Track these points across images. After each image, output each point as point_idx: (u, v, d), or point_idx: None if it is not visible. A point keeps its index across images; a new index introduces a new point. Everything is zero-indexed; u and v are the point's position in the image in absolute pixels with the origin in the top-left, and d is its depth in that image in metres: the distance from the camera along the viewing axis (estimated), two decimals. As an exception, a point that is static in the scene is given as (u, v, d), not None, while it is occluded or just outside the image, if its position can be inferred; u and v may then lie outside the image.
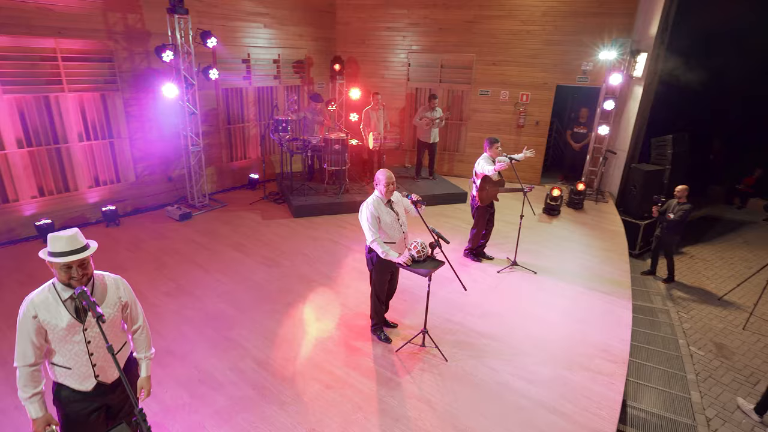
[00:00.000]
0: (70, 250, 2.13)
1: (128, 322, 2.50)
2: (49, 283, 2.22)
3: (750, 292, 7.40)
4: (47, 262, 2.16)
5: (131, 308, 2.47)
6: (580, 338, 4.64)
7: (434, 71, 9.54)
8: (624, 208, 8.95)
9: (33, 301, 2.15)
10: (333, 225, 7.23)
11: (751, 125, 12.92)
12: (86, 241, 2.21)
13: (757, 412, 4.92)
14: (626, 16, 8.40)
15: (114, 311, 2.33)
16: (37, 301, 2.15)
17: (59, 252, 2.11)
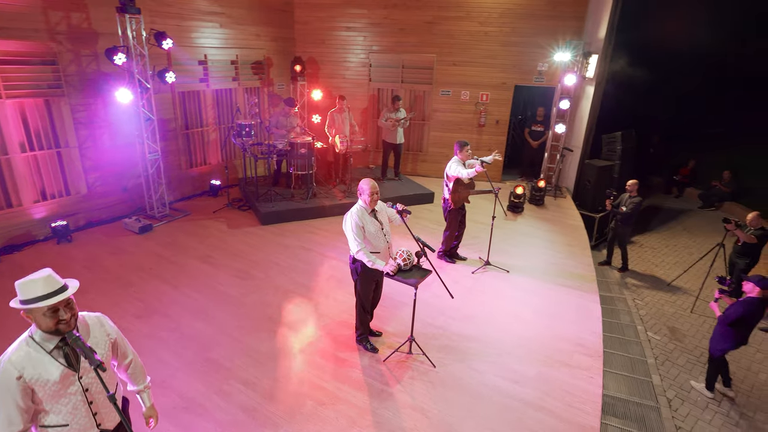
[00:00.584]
0: (51, 292, 1.95)
1: (119, 358, 2.34)
2: (23, 337, 1.98)
3: (694, 277, 8.01)
4: (23, 312, 1.93)
5: (120, 344, 2.32)
6: (555, 334, 4.86)
7: (396, 72, 9.56)
8: (580, 202, 9.42)
9: (11, 360, 1.90)
10: (303, 231, 7.10)
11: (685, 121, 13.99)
12: (63, 280, 2.03)
13: (708, 389, 5.38)
14: (577, 20, 8.79)
15: (105, 352, 2.18)
16: (17, 360, 1.90)
17: (39, 296, 1.91)
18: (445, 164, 9.93)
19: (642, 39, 9.75)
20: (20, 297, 1.93)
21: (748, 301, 4.72)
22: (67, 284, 2.03)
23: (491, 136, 9.77)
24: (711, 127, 14.66)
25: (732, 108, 14.16)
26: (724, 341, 4.91)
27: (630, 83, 9.95)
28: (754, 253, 7.05)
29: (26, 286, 1.92)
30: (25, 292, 1.92)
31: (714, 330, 5.13)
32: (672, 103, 13.18)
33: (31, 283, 1.92)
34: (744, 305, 4.70)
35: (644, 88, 10.20)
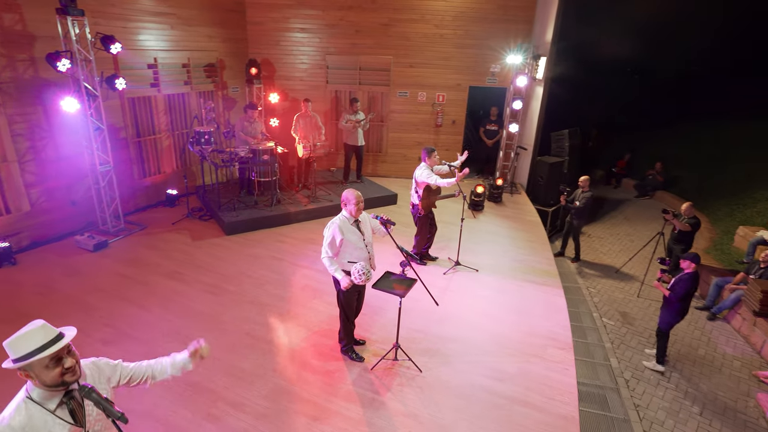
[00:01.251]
0: (50, 340, 1.82)
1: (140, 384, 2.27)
2: (20, 399, 1.82)
3: (638, 263, 8.70)
4: (21, 372, 1.78)
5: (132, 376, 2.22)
6: (528, 330, 5.14)
7: (353, 73, 9.55)
8: (533, 197, 9.92)
9: (11, 427, 1.74)
10: (271, 240, 6.97)
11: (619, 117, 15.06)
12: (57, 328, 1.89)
13: (659, 363, 5.94)
14: (526, 23, 9.19)
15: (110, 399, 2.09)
16: (18, 425, 1.75)
17: (39, 347, 1.76)
18: (403, 164, 10.21)
19: (581, 43, 10.42)
20: (15, 355, 1.76)
21: (688, 276, 5.29)
22: (63, 332, 1.91)
23: (448, 135, 10.03)
24: (639, 123, 15.88)
25: (656, 105, 15.39)
26: (674, 316, 5.46)
27: (572, 83, 10.59)
28: (688, 240, 7.78)
29: (20, 341, 1.77)
30: (20, 348, 1.76)
31: (662, 308, 5.66)
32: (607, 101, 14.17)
33: (26, 336, 1.77)
34: (688, 280, 5.27)
35: (584, 87, 10.93)
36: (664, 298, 5.54)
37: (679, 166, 13.47)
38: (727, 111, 14.51)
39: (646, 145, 14.92)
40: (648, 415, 5.22)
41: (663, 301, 5.62)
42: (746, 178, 11.67)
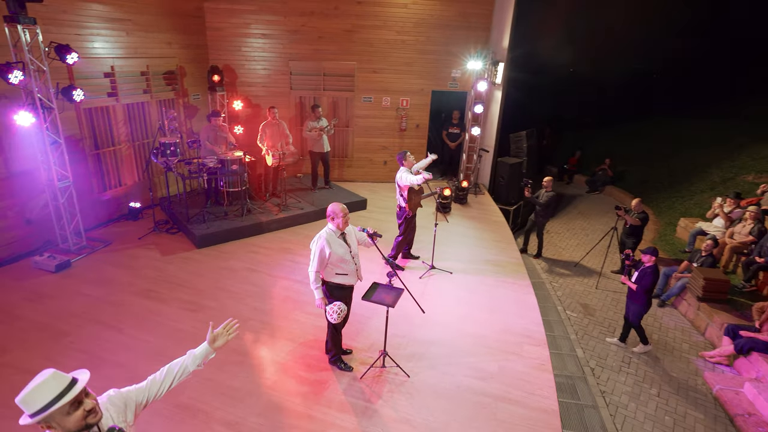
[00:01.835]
0: (66, 386, 1.79)
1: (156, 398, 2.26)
2: None
3: (594, 257, 9.28)
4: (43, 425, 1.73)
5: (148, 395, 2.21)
6: (504, 329, 5.42)
7: (317, 79, 9.54)
8: (496, 197, 10.34)
9: None
10: (245, 251, 6.90)
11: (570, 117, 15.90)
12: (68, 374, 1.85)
13: (621, 341, 6.45)
14: (484, 30, 9.55)
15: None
16: None
17: (57, 396, 1.72)
18: (370, 169, 10.34)
19: (534, 48, 10.98)
20: (31, 410, 1.72)
21: (651, 269, 5.80)
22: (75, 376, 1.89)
23: (413, 139, 10.24)
24: (588, 121, 16.85)
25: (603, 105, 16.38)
26: (643, 307, 5.98)
27: (527, 87, 11.11)
28: (639, 233, 8.40)
29: (34, 394, 1.72)
30: (36, 401, 1.72)
31: (630, 301, 6.14)
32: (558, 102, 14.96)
33: (39, 388, 1.73)
34: (652, 273, 5.80)
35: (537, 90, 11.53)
36: (631, 292, 6.02)
37: (625, 161, 14.42)
38: (666, 109, 15.69)
39: (595, 143, 15.86)
40: (613, 400, 5.64)
41: (629, 294, 6.10)
42: (683, 172, 12.69)
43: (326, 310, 4.19)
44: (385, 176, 10.44)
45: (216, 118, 7.69)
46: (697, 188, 11.61)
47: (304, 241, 7.31)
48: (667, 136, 14.74)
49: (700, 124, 14.48)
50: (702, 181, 11.85)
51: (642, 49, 14.08)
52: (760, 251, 7.34)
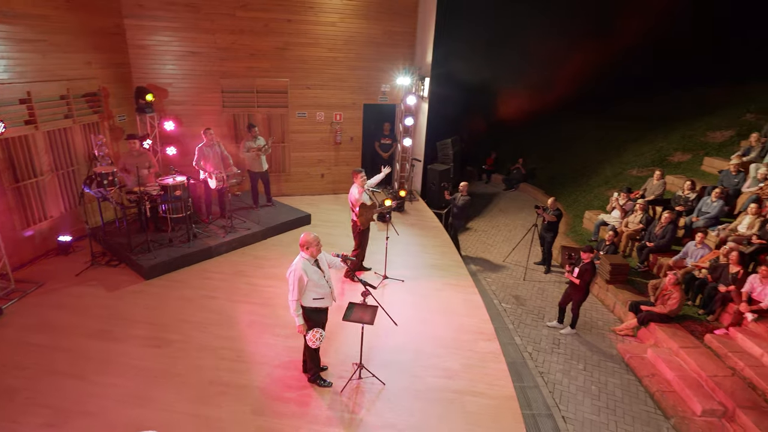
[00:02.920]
0: None
1: None
2: None
3: (519, 251, 10.36)
4: None
5: None
6: (458, 328, 6.03)
7: (250, 96, 9.50)
8: (428, 202, 11.07)
9: None
10: (198, 278, 6.80)
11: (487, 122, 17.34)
12: None
13: (559, 322, 7.43)
14: (409, 47, 10.18)
15: None
16: None
17: None
18: (307, 182, 10.55)
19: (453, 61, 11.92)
20: None
21: (589, 264, 6.86)
22: None
23: (348, 152, 10.61)
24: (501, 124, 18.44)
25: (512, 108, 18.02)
26: (583, 296, 7.07)
27: (448, 97, 12.04)
28: (555, 228, 9.57)
29: None
30: None
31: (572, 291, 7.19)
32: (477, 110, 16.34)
33: None
34: (591, 268, 6.84)
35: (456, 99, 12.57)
36: (573, 285, 7.00)
37: (535, 160, 16.05)
38: (566, 111, 17.69)
39: (509, 144, 17.41)
40: (550, 378, 6.53)
41: (572, 287, 7.08)
42: (582, 169, 14.49)
43: (307, 336, 4.46)
44: (323, 189, 10.70)
45: (132, 141, 7.34)
46: (595, 183, 13.36)
47: (256, 263, 7.38)
48: (567, 136, 16.65)
49: (593, 125, 16.54)
50: (598, 176, 13.65)
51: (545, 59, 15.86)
52: (649, 237, 8.81)
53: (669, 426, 5.59)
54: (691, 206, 8.98)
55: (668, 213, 8.61)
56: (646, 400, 6.05)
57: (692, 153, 11.93)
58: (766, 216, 7.65)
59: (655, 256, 8.59)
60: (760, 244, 7.34)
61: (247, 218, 8.36)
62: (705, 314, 7.09)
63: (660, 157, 12.56)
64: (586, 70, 16.34)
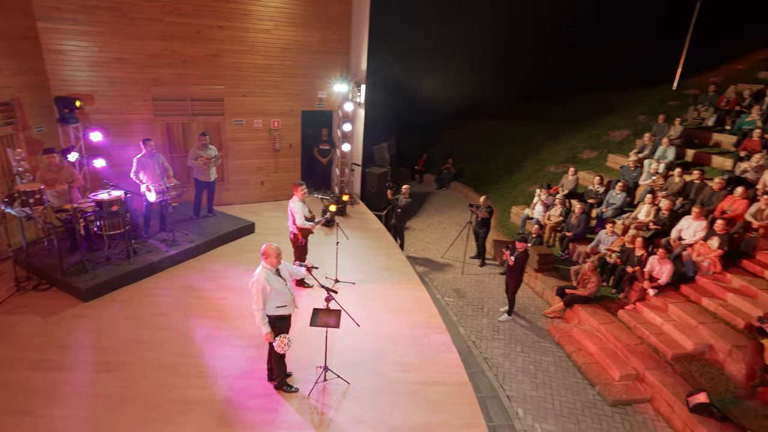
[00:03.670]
0: None
1: None
2: None
3: (456, 247, 11.04)
4: None
5: None
6: (411, 324, 6.43)
7: (184, 104, 9.20)
8: (368, 204, 11.42)
9: None
10: (143, 296, 6.55)
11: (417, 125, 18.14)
12: None
13: (509, 315, 8.11)
14: (344, 55, 10.43)
15: None
16: None
17: None
18: (246, 191, 10.45)
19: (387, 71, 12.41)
20: None
21: (524, 252, 7.65)
22: None
23: (287, 158, 10.64)
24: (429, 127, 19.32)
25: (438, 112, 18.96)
26: (518, 280, 7.81)
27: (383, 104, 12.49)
28: (487, 224, 10.36)
29: None
30: None
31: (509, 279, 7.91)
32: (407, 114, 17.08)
33: None
34: (524, 255, 7.65)
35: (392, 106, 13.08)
36: (510, 269, 7.68)
37: (463, 160, 17.01)
38: (488, 113, 18.94)
39: (438, 145, 18.28)
40: (493, 363, 7.15)
41: (509, 271, 7.77)
42: (506, 167, 15.66)
43: (274, 343, 4.59)
44: (264, 196, 10.63)
45: (50, 156, 6.85)
46: (518, 179, 14.52)
47: (205, 275, 7.25)
48: (491, 137, 17.84)
49: (513, 126, 17.90)
50: (520, 174, 14.85)
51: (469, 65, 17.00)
52: (567, 227, 9.85)
53: (595, 393, 6.41)
54: (601, 198, 10.17)
55: (580, 204, 9.70)
56: (575, 372, 6.86)
57: (598, 150, 13.42)
58: (659, 205, 8.92)
59: (574, 245, 9.63)
60: (656, 229, 8.56)
61: (189, 230, 8.13)
62: (617, 293, 8.14)
63: (572, 154, 13.96)
64: (506, 75, 17.68)
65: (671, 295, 7.46)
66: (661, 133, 11.07)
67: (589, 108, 16.54)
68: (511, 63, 17.72)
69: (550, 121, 17.04)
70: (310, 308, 4.97)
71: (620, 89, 16.84)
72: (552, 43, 17.67)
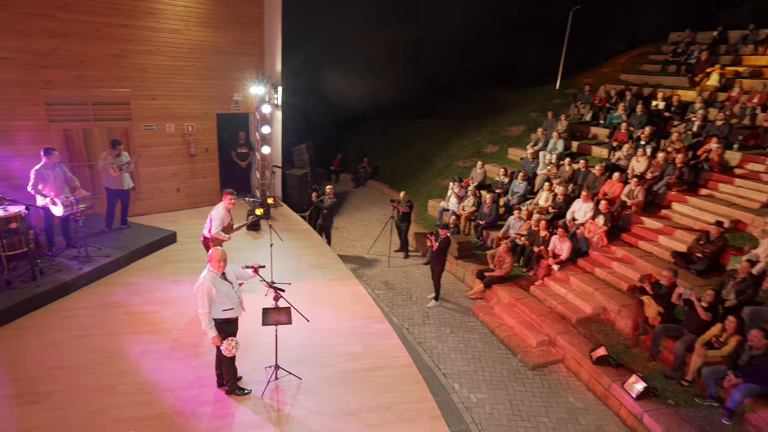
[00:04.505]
0: None
1: None
2: None
3: (380, 242, 11.49)
4: None
5: None
6: (352, 316, 6.71)
7: (84, 109, 8.43)
8: (290, 206, 11.42)
9: None
10: (60, 319, 6.00)
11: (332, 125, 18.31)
12: None
13: (435, 300, 8.67)
14: (258, 57, 10.32)
15: None
16: None
17: None
18: (161, 199, 9.95)
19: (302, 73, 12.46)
20: None
21: (446, 238, 8.30)
22: None
23: (204, 163, 10.25)
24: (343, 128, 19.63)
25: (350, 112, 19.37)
26: (442, 264, 8.40)
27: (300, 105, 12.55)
28: (408, 218, 10.96)
29: None
30: None
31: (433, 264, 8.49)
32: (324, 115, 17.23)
33: None
34: (447, 241, 8.29)
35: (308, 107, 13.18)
36: (435, 255, 8.24)
37: (376, 158, 17.57)
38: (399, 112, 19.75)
39: (352, 145, 18.64)
40: (427, 346, 7.68)
41: (434, 257, 8.34)
42: (419, 163, 16.52)
43: (222, 346, 4.59)
44: (181, 204, 10.14)
45: None
46: (430, 174, 15.42)
47: (129, 290, 6.83)
48: (403, 135, 18.64)
49: (423, 123, 18.88)
50: (432, 169, 15.78)
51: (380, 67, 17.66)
52: (480, 216, 10.80)
53: (517, 360, 7.23)
54: (506, 188, 11.30)
55: (490, 194, 10.71)
56: (499, 345, 7.65)
57: (499, 145, 14.78)
58: (555, 191, 10.19)
59: (487, 232, 10.60)
60: (555, 212, 9.78)
61: (103, 245, 7.54)
62: (527, 271, 9.16)
63: (477, 149, 15.20)
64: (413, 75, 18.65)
65: (571, 268, 8.61)
66: (551, 127, 12.56)
67: (487, 106, 18.06)
68: (417, 64, 18.75)
69: (454, 118, 18.30)
70: (255, 310, 5.02)
71: (513, 89, 18.64)
72: (453, 45, 18.98)
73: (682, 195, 9.10)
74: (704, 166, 9.43)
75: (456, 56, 19.08)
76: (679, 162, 9.21)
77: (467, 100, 19.67)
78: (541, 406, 6.25)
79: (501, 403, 6.29)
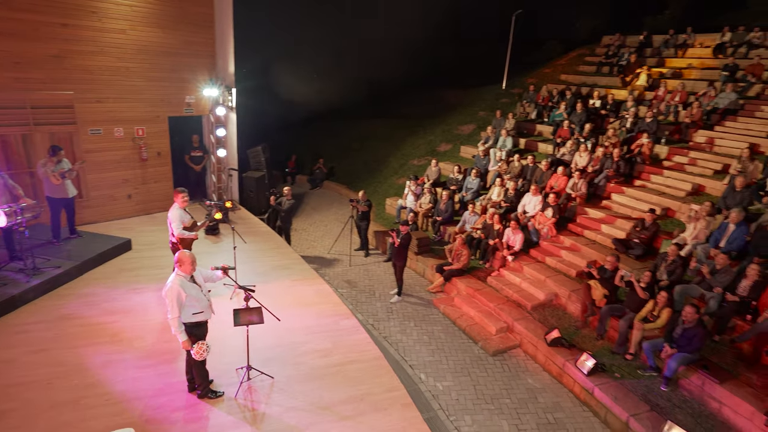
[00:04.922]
0: None
1: None
2: None
3: (340, 242, 11.60)
4: None
5: None
6: (319, 315, 6.80)
7: (23, 113, 7.94)
8: (249, 209, 11.29)
9: None
10: (9, 335, 5.68)
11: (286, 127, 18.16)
12: None
13: (398, 295, 8.88)
14: (209, 58, 10.13)
15: None
16: None
17: None
18: (112, 206, 9.60)
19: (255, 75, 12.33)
20: None
21: (407, 234, 8.58)
22: None
23: (156, 168, 9.93)
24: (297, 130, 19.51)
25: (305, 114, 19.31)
26: (404, 260, 8.66)
27: (254, 107, 12.43)
28: (368, 216, 11.15)
29: None
30: None
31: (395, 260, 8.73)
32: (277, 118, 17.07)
33: None
34: (407, 237, 8.56)
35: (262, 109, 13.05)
36: (396, 251, 8.53)
37: (331, 159, 17.62)
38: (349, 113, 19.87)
39: (306, 146, 18.57)
40: (392, 340, 7.91)
41: (395, 253, 8.60)
42: (374, 162, 16.74)
43: (192, 350, 4.58)
44: (133, 210, 9.77)
45: None
46: (386, 173, 15.69)
47: (84, 301, 6.56)
48: (356, 135, 18.81)
49: (376, 124, 19.13)
50: (387, 168, 16.06)
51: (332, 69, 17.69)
52: (437, 213, 11.18)
53: (478, 348, 7.61)
54: (461, 185, 11.75)
55: (446, 191, 11.11)
56: (461, 335, 8.00)
57: (452, 143, 15.29)
58: (506, 186, 10.73)
59: (444, 227, 10.98)
60: (507, 206, 10.32)
61: (51, 255, 7.17)
62: (483, 263, 9.61)
63: (431, 148, 15.64)
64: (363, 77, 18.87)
65: (524, 258, 9.14)
66: (499, 126, 13.18)
67: (438, 106, 18.60)
68: (365, 65, 18.98)
69: (406, 118, 18.70)
70: (222, 314, 5.02)
71: (461, 89, 19.30)
72: (403, 48, 19.36)
73: (620, 186, 9.89)
74: (637, 159, 10.29)
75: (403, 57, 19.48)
76: (616, 156, 10.00)
77: (416, 100, 20.14)
78: (502, 388, 6.64)
79: (465, 389, 6.62)
